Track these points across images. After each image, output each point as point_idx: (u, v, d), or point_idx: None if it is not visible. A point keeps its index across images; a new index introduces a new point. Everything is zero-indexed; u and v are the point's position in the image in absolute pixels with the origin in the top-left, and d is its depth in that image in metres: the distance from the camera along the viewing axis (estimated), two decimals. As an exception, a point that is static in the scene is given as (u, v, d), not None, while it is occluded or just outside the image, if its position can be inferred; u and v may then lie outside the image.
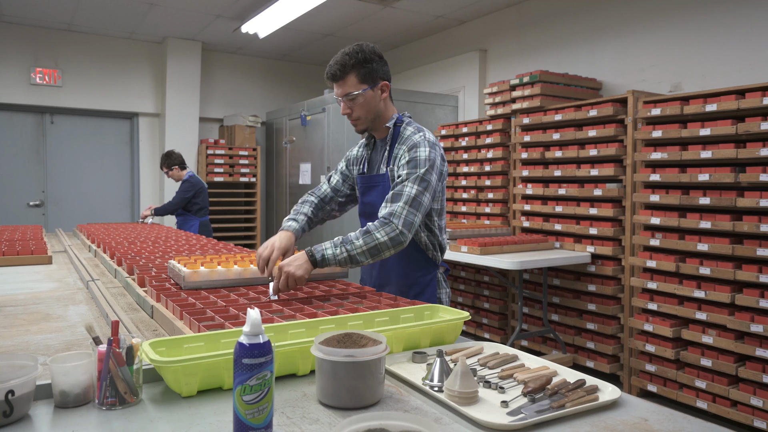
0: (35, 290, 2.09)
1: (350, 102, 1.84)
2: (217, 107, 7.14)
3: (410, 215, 1.71)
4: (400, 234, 1.69)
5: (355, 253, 1.67)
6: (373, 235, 1.67)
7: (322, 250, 1.68)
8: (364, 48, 1.82)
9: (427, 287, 1.91)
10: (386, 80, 1.87)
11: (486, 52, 5.59)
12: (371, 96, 1.84)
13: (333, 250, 1.68)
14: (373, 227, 1.69)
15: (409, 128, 1.89)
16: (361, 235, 1.68)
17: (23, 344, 1.38)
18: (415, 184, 1.74)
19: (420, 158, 1.77)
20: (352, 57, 1.80)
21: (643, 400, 1.05)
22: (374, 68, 1.83)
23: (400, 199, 1.72)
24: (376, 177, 1.94)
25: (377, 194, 1.91)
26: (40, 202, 6.39)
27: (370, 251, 1.68)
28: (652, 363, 3.39)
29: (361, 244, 1.67)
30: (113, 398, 0.98)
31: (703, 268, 3.08)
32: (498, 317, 4.55)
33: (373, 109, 1.86)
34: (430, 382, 1.08)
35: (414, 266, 1.90)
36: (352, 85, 1.82)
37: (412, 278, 1.90)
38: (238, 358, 0.85)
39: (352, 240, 1.68)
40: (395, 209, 1.70)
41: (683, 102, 3.25)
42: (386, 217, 1.70)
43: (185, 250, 2.63)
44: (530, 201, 4.28)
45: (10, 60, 5.96)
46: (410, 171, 1.76)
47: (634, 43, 4.29)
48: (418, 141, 1.82)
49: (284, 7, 5.11)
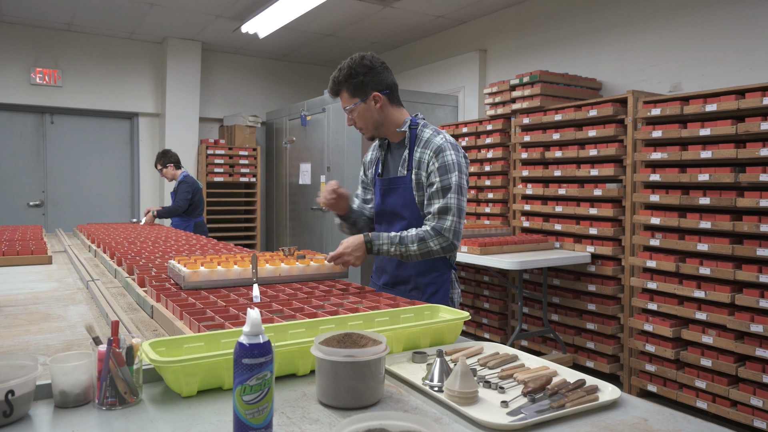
0: (35, 290, 2.09)
1: (350, 114, 1.93)
2: (217, 107, 7.14)
3: (458, 225, 1.84)
4: (451, 244, 1.84)
5: (407, 255, 1.83)
6: (428, 243, 1.82)
7: (379, 245, 1.84)
8: (352, 63, 1.87)
9: (442, 287, 1.97)
10: (378, 90, 1.89)
11: (486, 52, 5.59)
12: (364, 108, 1.90)
13: (389, 247, 1.83)
14: (428, 236, 1.82)
15: (427, 130, 1.93)
16: (416, 240, 1.82)
17: (23, 344, 1.38)
18: (456, 195, 1.84)
19: (448, 163, 1.85)
20: (341, 73, 1.88)
21: (643, 400, 1.05)
22: (363, 81, 1.87)
23: (448, 213, 1.83)
24: (395, 180, 1.96)
25: (397, 197, 1.96)
26: (40, 202, 6.39)
27: (422, 255, 1.84)
28: (652, 363, 3.39)
29: (415, 250, 1.82)
30: (113, 398, 0.97)
31: (703, 268, 3.09)
32: (498, 317, 4.55)
33: (370, 120, 1.92)
34: (430, 382, 1.08)
35: (433, 266, 1.96)
36: (345, 99, 1.91)
37: (430, 278, 1.96)
38: (238, 358, 0.85)
39: (407, 243, 1.82)
40: (446, 224, 1.82)
41: (683, 102, 3.25)
42: (438, 229, 1.82)
43: (185, 250, 2.63)
44: (530, 201, 4.28)
45: (10, 60, 5.96)
46: (443, 178, 1.84)
47: (634, 43, 4.29)
48: (442, 145, 1.87)
49: (284, 7, 5.11)
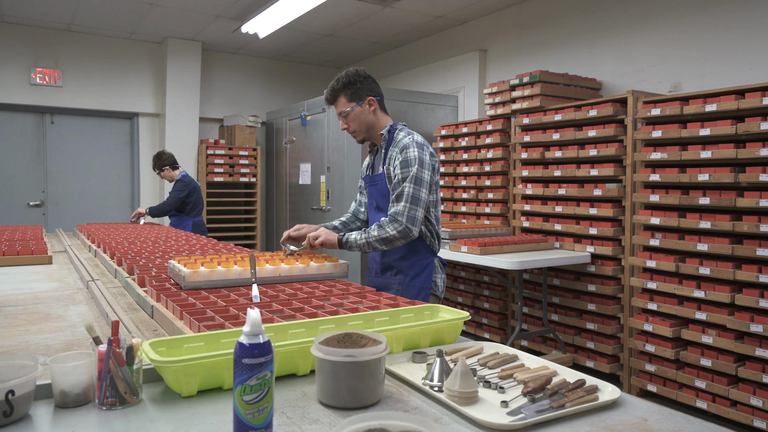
0: (35, 290, 2.09)
1: (344, 118, 2.19)
2: (217, 107, 7.14)
3: (412, 211, 2.05)
4: (405, 228, 2.04)
5: (372, 240, 2.06)
6: (384, 229, 2.06)
7: (347, 234, 2.12)
8: (349, 72, 2.18)
9: (424, 270, 2.19)
10: (372, 96, 2.18)
11: (486, 52, 5.59)
12: (360, 111, 2.18)
13: (356, 235, 2.10)
14: (384, 222, 2.07)
15: (401, 134, 2.19)
16: (376, 227, 2.07)
17: (23, 344, 1.38)
18: (411, 184, 2.06)
19: (410, 158, 2.08)
20: (339, 81, 2.17)
21: (643, 400, 1.05)
22: (360, 87, 2.17)
23: (401, 199, 2.07)
24: (375, 177, 2.26)
25: (376, 191, 2.25)
26: (40, 202, 6.39)
27: (383, 240, 2.06)
28: (651, 363, 3.39)
29: (376, 235, 2.06)
30: (113, 398, 0.98)
31: (703, 268, 3.09)
32: (498, 317, 4.56)
33: (364, 122, 2.19)
34: (430, 382, 1.08)
35: (414, 251, 2.19)
36: (342, 104, 2.18)
37: (411, 261, 2.19)
38: (238, 358, 0.85)
39: (370, 231, 2.08)
40: (399, 208, 2.06)
41: (683, 102, 3.25)
42: (392, 215, 2.06)
43: (185, 250, 2.63)
44: (530, 201, 4.28)
45: (10, 60, 5.96)
46: (404, 171, 2.08)
47: (634, 43, 4.29)
48: (408, 143, 2.12)
49: (284, 8, 5.11)
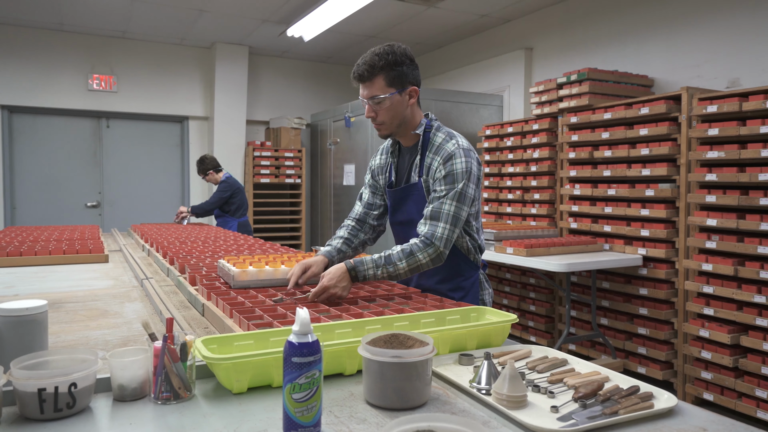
0: (93, 287, 2.18)
1: (376, 105, 1.75)
2: (263, 110, 7.28)
3: (450, 233, 1.71)
4: (441, 254, 1.70)
5: (396, 274, 1.70)
6: (416, 257, 1.68)
7: (363, 271, 1.67)
8: (395, 49, 1.73)
9: (470, 290, 1.88)
10: (416, 85, 1.79)
11: (532, 51, 5.50)
12: (398, 101, 1.75)
13: (375, 271, 1.68)
14: (417, 248, 1.68)
15: (440, 134, 1.82)
16: (404, 256, 1.68)
17: (83, 339, 1.44)
18: (454, 201, 1.71)
19: (457, 171, 1.73)
20: (381, 58, 1.71)
21: (701, 409, 1.01)
22: (404, 72, 1.74)
23: (440, 218, 1.70)
24: (408, 188, 1.87)
25: (412, 204, 1.86)
26: (97, 203, 6.67)
27: (411, 271, 1.71)
28: (708, 370, 3.26)
29: (404, 266, 1.68)
30: (168, 393, 1.01)
31: (764, 272, 2.94)
32: (544, 320, 4.47)
33: (399, 115, 1.78)
34: (477, 384, 1.07)
35: (456, 271, 1.87)
36: (379, 87, 1.73)
37: (455, 283, 1.87)
38: (287, 357, 0.87)
39: (395, 262, 1.68)
40: (437, 231, 1.69)
41: (742, 98, 3.11)
42: (428, 237, 1.69)
43: (233, 250, 2.69)
44: (578, 202, 4.17)
45: (69, 67, 6.24)
46: (448, 186, 1.72)
47: (686, 37, 4.12)
48: (453, 151, 1.75)
49: (328, 11, 5.16)
